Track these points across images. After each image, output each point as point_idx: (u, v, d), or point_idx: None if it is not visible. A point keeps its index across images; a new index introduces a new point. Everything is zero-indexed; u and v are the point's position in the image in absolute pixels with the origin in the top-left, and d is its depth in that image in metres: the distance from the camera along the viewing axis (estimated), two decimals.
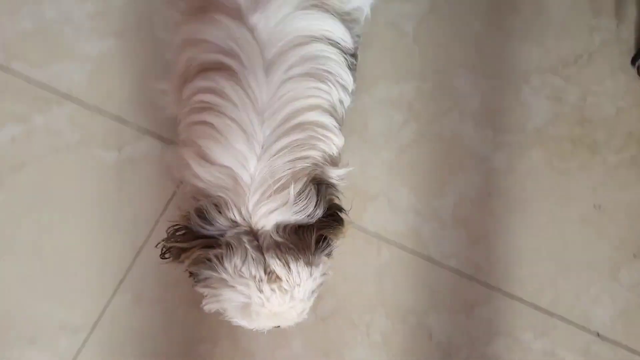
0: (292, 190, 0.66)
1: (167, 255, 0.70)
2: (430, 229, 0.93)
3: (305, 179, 0.67)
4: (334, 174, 0.72)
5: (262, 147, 0.66)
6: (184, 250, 0.68)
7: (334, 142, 0.71)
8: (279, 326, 0.74)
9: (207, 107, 0.68)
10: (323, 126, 0.70)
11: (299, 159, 0.67)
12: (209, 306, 0.71)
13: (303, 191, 0.67)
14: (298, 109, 0.67)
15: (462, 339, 0.91)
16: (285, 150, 0.66)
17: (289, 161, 0.67)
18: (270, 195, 0.66)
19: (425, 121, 0.96)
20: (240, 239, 0.66)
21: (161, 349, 0.89)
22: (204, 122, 0.68)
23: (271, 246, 0.67)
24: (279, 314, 0.69)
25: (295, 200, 0.66)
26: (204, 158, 0.67)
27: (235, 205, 0.66)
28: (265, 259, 0.66)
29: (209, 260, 0.67)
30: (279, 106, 0.66)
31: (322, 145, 0.70)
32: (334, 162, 0.73)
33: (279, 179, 0.66)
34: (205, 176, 0.67)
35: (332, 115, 0.71)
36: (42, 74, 0.94)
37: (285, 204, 0.66)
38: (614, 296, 0.93)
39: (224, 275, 0.66)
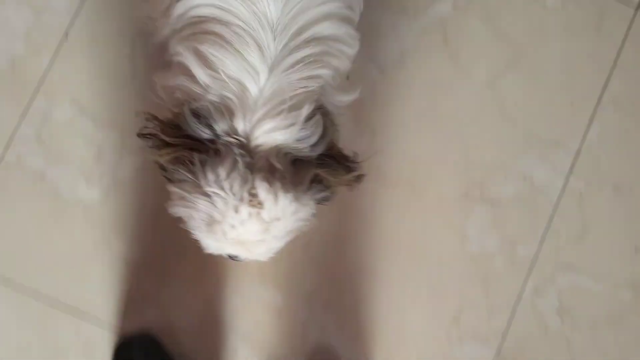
0: (305, 111, 0.60)
1: (147, 137, 0.63)
2: None
3: (314, 103, 0.62)
4: (340, 100, 0.67)
5: (274, 61, 0.60)
6: (167, 144, 0.62)
7: (347, 56, 0.67)
8: (238, 258, 0.68)
9: (209, 19, 0.61)
10: (337, 39, 0.64)
11: (311, 77, 0.62)
12: (176, 210, 0.64)
13: (312, 117, 0.61)
14: (311, 21, 0.61)
15: None
16: (298, 66, 0.61)
17: (301, 79, 0.61)
18: (278, 114, 0.60)
19: None
20: (233, 150, 0.59)
21: None
22: (207, 32, 0.61)
23: (264, 169, 0.60)
24: (246, 243, 0.63)
25: (303, 125, 0.61)
26: (208, 66, 0.61)
27: (239, 114, 0.60)
28: (254, 179, 0.59)
29: (192, 163, 0.60)
30: (291, 18, 0.60)
31: (335, 62, 0.65)
32: (342, 84, 0.68)
33: (290, 98, 0.60)
34: (207, 80, 0.61)
35: (347, 21, 0.66)
36: None
37: (292, 125, 0.60)
38: None
39: (202, 183, 0.59)
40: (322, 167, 0.63)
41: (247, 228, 0.60)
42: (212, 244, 0.65)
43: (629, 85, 0.94)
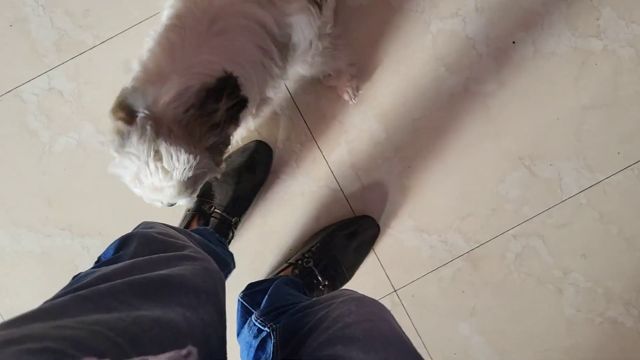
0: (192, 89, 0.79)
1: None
2: None
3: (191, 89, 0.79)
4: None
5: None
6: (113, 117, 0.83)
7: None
8: (160, 201, 0.87)
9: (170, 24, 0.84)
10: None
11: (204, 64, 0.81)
12: (113, 169, 0.85)
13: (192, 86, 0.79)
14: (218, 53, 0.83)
15: None
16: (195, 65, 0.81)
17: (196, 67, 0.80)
18: (176, 93, 0.78)
19: None
20: (144, 122, 0.77)
21: None
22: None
23: (165, 133, 0.78)
24: (159, 189, 0.82)
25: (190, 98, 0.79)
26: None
27: (150, 94, 0.79)
28: (156, 142, 0.77)
29: (126, 133, 0.79)
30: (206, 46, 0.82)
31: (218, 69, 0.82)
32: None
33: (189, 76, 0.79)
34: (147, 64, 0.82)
35: (246, 66, 0.86)
36: None
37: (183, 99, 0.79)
38: None
39: (127, 147, 0.79)
40: (210, 114, 0.80)
41: (155, 177, 0.80)
42: (138, 192, 0.85)
43: None
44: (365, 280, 1.39)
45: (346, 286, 1.35)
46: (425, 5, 1.31)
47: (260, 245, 1.38)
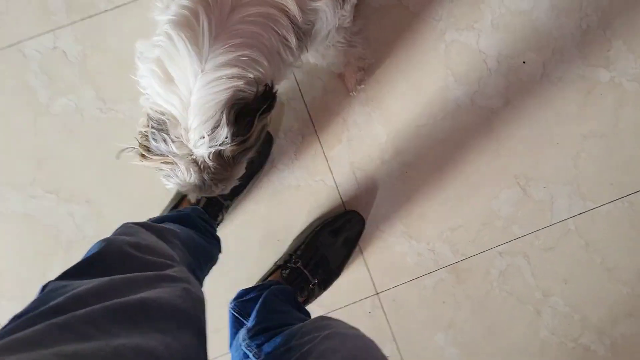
0: (207, 125, 0.79)
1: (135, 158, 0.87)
2: None
3: (219, 108, 0.79)
4: (253, 91, 0.82)
5: (205, 62, 0.78)
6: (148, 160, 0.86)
7: (259, 73, 0.82)
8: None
9: (176, 20, 0.80)
10: (254, 61, 0.81)
11: (225, 78, 0.79)
12: (167, 185, 0.88)
13: (218, 122, 0.79)
14: (239, 44, 0.79)
15: None
16: (217, 70, 0.78)
17: (217, 82, 0.78)
18: (200, 123, 0.79)
19: None
20: (188, 165, 0.82)
21: None
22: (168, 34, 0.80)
23: (206, 167, 0.83)
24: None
25: (211, 132, 0.79)
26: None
27: (178, 130, 0.80)
28: (203, 176, 0.84)
29: (168, 169, 0.84)
30: (227, 34, 0.79)
31: (247, 74, 0.81)
32: (258, 82, 0.83)
33: (209, 104, 0.79)
34: (159, 99, 0.81)
35: (266, 57, 0.83)
36: None
37: (207, 135, 0.80)
38: None
39: (177, 180, 0.85)
40: (241, 143, 0.83)
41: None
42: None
43: None
44: (350, 280, 1.39)
45: (335, 283, 1.35)
46: (442, 14, 1.31)
47: (249, 233, 1.37)
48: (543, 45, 1.33)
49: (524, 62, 1.33)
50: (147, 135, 0.85)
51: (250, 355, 0.89)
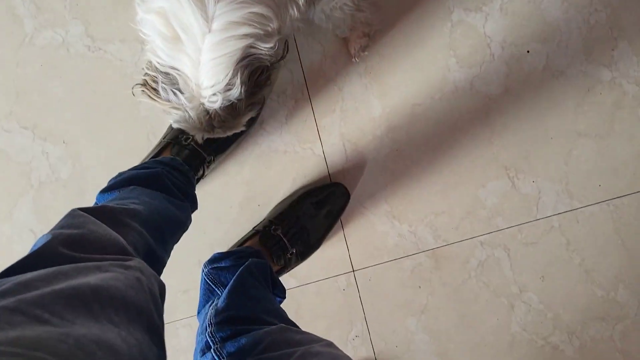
0: (222, 86, 0.80)
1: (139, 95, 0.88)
2: None
3: (234, 68, 0.80)
4: (265, 47, 0.82)
5: (212, 21, 0.76)
6: (156, 102, 0.86)
7: (269, 28, 0.81)
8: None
9: None
10: (262, 17, 0.80)
11: (237, 38, 0.79)
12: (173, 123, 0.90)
13: (232, 82, 0.81)
14: (246, 1, 0.77)
15: None
16: (226, 31, 0.77)
17: (227, 42, 0.78)
18: (213, 84, 0.81)
19: None
20: (200, 115, 0.85)
21: None
22: None
23: (216, 116, 0.86)
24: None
25: (225, 91, 0.82)
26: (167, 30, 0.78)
27: (190, 85, 0.81)
28: (212, 123, 0.86)
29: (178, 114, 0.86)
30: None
31: (257, 31, 0.80)
32: (269, 35, 0.82)
33: (220, 65, 0.79)
34: (165, 57, 0.80)
35: (274, 11, 0.81)
36: None
37: (221, 94, 0.82)
38: None
39: (185, 124, 0.88)
40: (252, 96, 0.86)
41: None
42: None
43: None
44: (327, 254, 1.35)
45: (312, 256, 1.31)
46: None
47: (229, 194, 1.33)
48: (549, 36, 1.31)
49: (527, 52, 1.31)
50: (155, 79, 0.83)
51: (212, 349, 0.86)
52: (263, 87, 0.88)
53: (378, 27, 1.25)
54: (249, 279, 1.02)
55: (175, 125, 0.89)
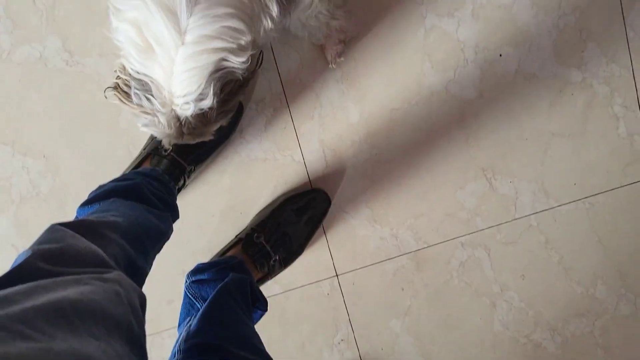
0: (194, 96, 0.81)
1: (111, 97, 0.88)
2: None
3: (207, 79, 0.81)
4: (237, 61, 0.83)
5: (184, 34, 0.77)
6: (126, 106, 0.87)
7: (242, 41, 0.82)
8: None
9: None
10: (236, 30, 0.80)
11: (210, 51, 0.80)
12: (143, 128, 0.89)
13: (205, 93, 0.82)
14: (219, 14, 0.78)
15: None
16: (200, 44, 0.78)
17: (200, 56, 0.79)
18: (185, 94, 0.81)
19: None
20: (170, 120, 0.85)
21: None
22: None
23: (187, 123, 0.86)
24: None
25: (197, 101, 0.82)
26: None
27: (162, 93, 0.82)
28: (182, 130, 0.87)
29: (147, 119, 0.86)
30: (206, 2, 0.77)
31: (230, 45, 0.81)
32: (242, 49, 0.82)
33: (193, 77, 0.80)
34: (138, 66, 0.81)
35: (247, 24, 0.81)
36: None
37: (193, 102, 0.82)
38: None
39: (154, 129, 0.87)
40: (223, 105, 0.87)
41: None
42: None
43: None
44: (310, 260, 1.37)
45: (295, 262, 1.32)
46: None
47: (210, 203, 1.34)
48: (520, 40, 1.34)
49: (500, 55, 1.34)
50: (127, 83, 0.83)
51: None
52: (235, 96, 0.89)
53: (353, 33, 1.28)
54: (227, 300, 1.02)
55: (143, 129, 0.88)
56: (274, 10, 0.86)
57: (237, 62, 0.82)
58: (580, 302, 1.44)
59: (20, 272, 0.64)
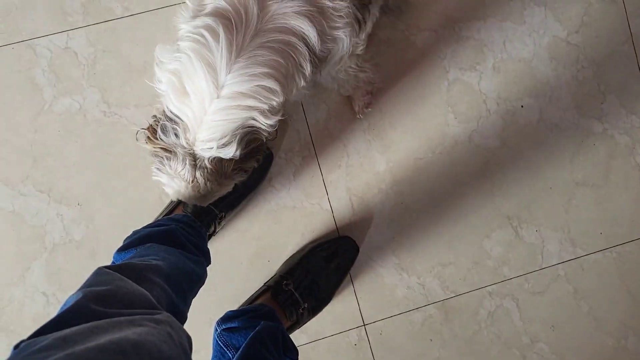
0: (218, 143, 0.85)
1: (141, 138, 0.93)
2: None
3: (233, 132, 0.85)
4: (266, 123, 0.88)
5: (221, 88, 0.83)
6: (150, 143, 0.92)
7: (274, 102, 0.87)
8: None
9: (197, 40, 0.84)
10: (269, 91, 0.85)
11: (242, 108, 0.85)
12: (154, 175, 0.93)
13: (229, 142, 0.86)
14: (256, 74, 0.84)
15: None
16: (233, 99, 0.83)
17: (231, 110, 0.84)
18: (209, 139, 0.85)
19: None
20: (185, 157, 0.87)
21: None
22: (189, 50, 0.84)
23: (202, 167, 0.88)
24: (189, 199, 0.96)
25: (220, 147, 0.86)
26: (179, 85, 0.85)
27: (187, 135, 0.86)
28: (195, 173, 0.88)
29: (164, 157, 0.90)
30: (245, 61, 0.83)
31: (262, 105, 0.86)
32: (273, 111, 0.88)
33: (220, 127, 0.84)
34: (173, 108, 0.86)
35: (281, 84, 0.87)
36: None
37: (216, 147, 0.86)
38: None
39: (168, 169, 0.90)
40: (241, 162, 0.91)
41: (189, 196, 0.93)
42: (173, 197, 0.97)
43: None
44: (337, 309, 1.36)
45: (323, 311, 1.32)
46: (447, 53, 1.36)
47: (240, 251, 1.35)
48: (540, 92, 1.38)
49: (522, 106, 1.38)
50: (159, 121, 0.87)
51: None
52: (254, 156, 0.93)
53: (380, 85, 1.32)
54: (259, 349, 1.02)
55: (155, 178, 0.92)
56: (307, 69, 0.90)
57: (264, 123, 0.87)
58: (612, 355, 1.42)
59: (74, 314, 0.66)
